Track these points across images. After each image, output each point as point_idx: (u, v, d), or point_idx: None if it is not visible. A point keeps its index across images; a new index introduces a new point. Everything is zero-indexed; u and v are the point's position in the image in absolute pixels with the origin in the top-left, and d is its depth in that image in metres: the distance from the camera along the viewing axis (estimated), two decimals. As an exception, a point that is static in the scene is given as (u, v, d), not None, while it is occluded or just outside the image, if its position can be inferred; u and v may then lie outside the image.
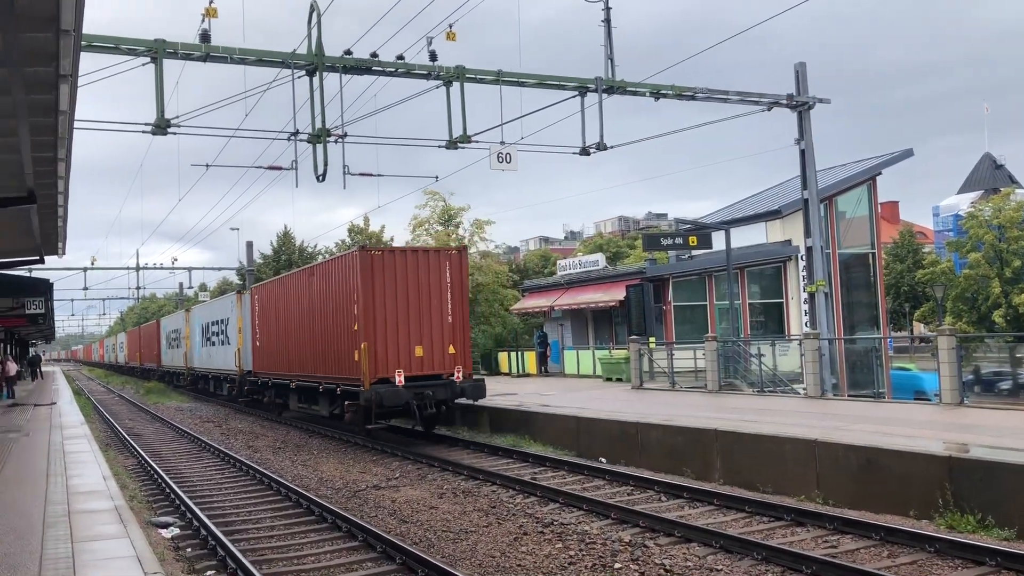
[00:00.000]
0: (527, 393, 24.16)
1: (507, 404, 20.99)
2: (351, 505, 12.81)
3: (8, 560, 7.20)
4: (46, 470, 12.39)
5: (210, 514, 12.01)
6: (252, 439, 22.15)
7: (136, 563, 7.03)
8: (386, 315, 18.36)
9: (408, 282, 18.61)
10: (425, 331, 18.66)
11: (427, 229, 43.96)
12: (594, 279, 34.89)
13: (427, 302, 18.71)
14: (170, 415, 30.25)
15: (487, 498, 12.90)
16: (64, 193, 14.67)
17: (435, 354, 18.71)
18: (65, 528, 8.39)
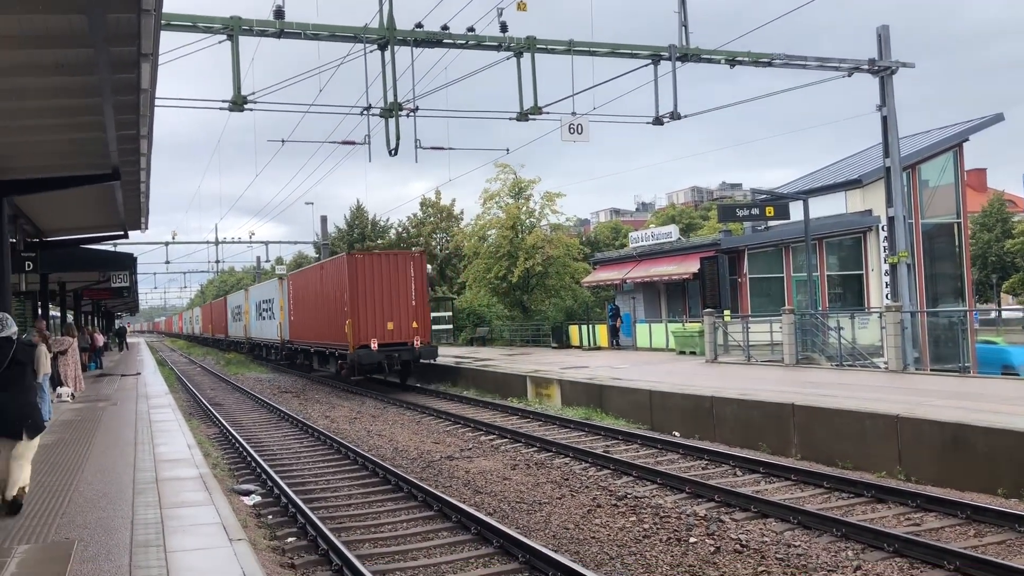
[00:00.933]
0: (598, 366, 24.11)
1: (578, 377, 20.99)
2: (426, 475, 13.00)
3: (103, 524, 7.51)
4: (134, 438, 12.87)
5: (290, 482, 12.34)
6: (329, 409, 22.64)
7: (221, 529, 7.25)
8: (366, 300, 25.44)
9: (382, 276, 25.70)
10: (394, 311, 25.73)
11: (497, 202, 44.04)
12: (667, 251, 34.49)
13: (396, 290, 25.73)
14: (249, 385, 31.11)
15: (560, 470, 12.94)
16: (146, 170, 15.09)
17: (402, 327, 25.78)
18: (153, 495, 8.70)
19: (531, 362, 27.70)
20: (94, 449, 11.85)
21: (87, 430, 13.72)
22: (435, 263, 55.51)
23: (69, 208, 18.95)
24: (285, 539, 9.42)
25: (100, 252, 26.79)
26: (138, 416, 16.00)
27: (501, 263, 42.15)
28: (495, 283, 43.20)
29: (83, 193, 16.21)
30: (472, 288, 46.75)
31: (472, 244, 45.84)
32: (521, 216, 42.94)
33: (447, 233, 58.25)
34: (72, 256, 24.17)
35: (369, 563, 8.41)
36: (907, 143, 29.18)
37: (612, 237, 72.97)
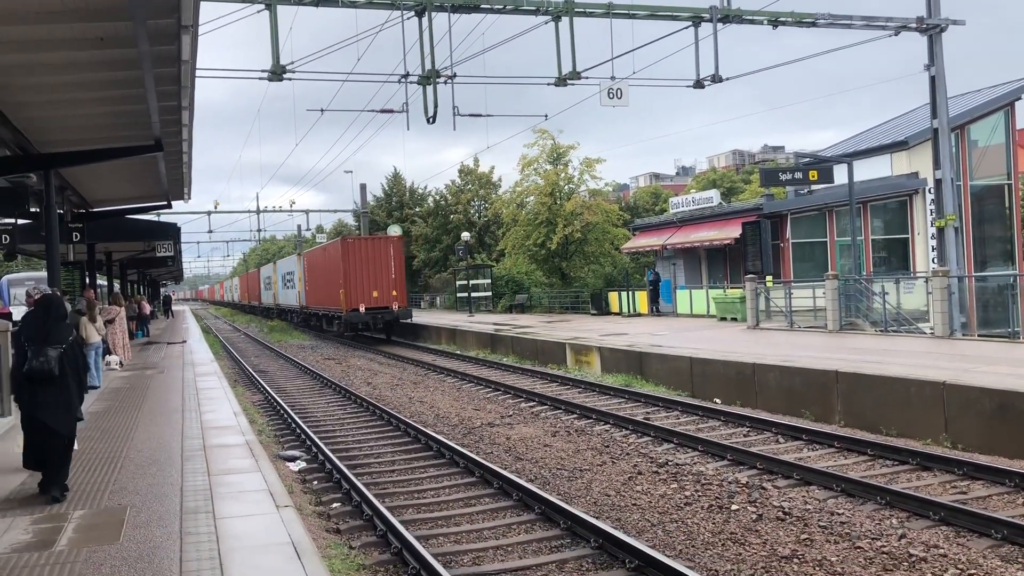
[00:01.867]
0: (638, 333, 24.03)
1: (618, 344, 20.94)
2: (467, 441, 13.11)
3: (153, 490, 7.70)
4: (181, 406, 13.14)
5: (334, 449, 12.53)
6: (371, 376, 22.89)
7: (267, 495, 7.40)
8: (355, 274, 33.62)
9: (368, 256, 33.86)
10: (378, 283, 33.90)
11: (536, 168, 43.85)
12: (708, 216, 34.12)
13: (379, 267, 33.89)
14: (293, 352, 31.55)
15: (600, 437, 12.97)
16: (188, 140, 15.25)
17: (383, 295, 33.90)
18: (201, 461, 8.89)
19: (570, 329, 27.70)
20: (143, 416, 12.13)
21: (136, 398, 14.03)
22: (473, 230, 55.58)
23: (114, 179, 19.24)
24: (330, 505, 9.58)
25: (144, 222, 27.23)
26: (185, 383, 16.32)
27: (540, 230, 42.04)
28: (534, 250, 43.15)
29: (127, 164, 16.44)
30: (511, 255, 46.74)
31: (510, 211, 45.76)
32: (560, 182, 42.72)
33: (485, 200, 58.21)
34: (117, 226, 24.62)
35: (413, 528, 8.53)
36: (956, 103, 28.41)
37: (652, 202, 72.28)
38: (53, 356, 7.34)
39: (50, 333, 7.47)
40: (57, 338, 7.47)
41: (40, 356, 7.31)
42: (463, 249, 46.20)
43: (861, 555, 7.36)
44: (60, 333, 7.54)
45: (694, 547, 7.82)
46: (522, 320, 35.14)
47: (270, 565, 5.56)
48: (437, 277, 58.46)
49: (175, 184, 20.13)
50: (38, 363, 7.29)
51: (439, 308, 55.64)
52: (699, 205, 35.87)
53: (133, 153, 14.27)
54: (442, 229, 58.44)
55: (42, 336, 7.44)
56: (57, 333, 7.51)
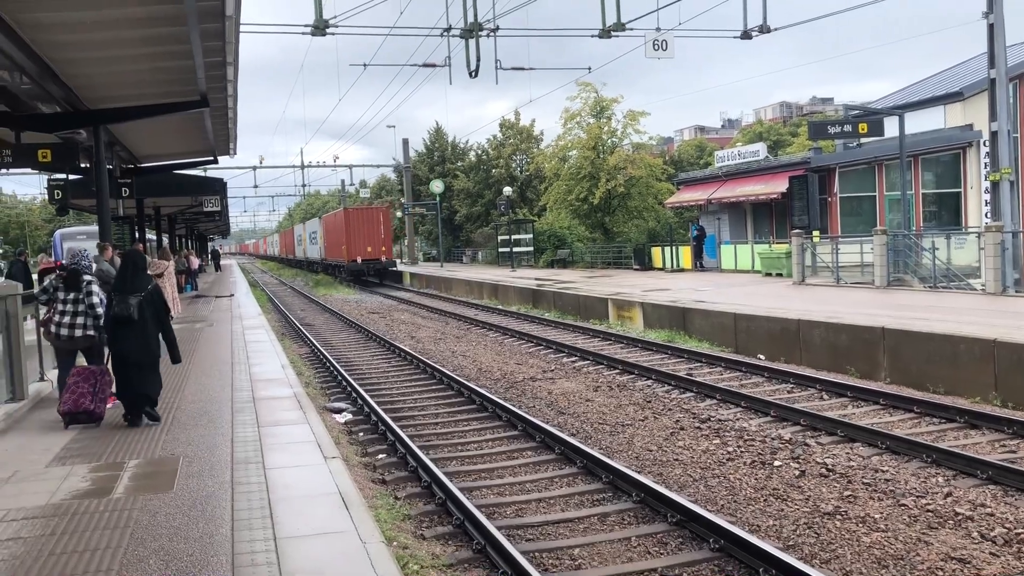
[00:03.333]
0: (681, 289, 23.89)
1: (661, 300, 20.85)
2: (510, 395, 13.22)
3: (205, 441, 7.90)
4: (230, 359, 13.41)
5: (379, 401, 12.72)
6: (414, 330, 23.11)
7: (315, 447, 7.55)
8: (354, 234, 45.56)
9: (364, 221, 46.19)
10: (371, 240, 45.91)
11: (579, 122, 43.35)
12: (754, 170, 33.57)
13: (372, 229, 46.02)
14: (338, 306, 31.94)
15: (642, 392, 12.98)
16: (233, 96, 15.34)
17: (375, 250, 45.92)
18: (251, 414, 9.09)
19: (612, 284, 27.61)
20: (193, 369, 12.41)
21: (186, 351, 14.33)
22: (515, 185, 55.36)
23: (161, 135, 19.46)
24: (376, 456, 9.76)
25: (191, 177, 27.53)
26: (233, 337, 16.64)
27: (582, 184, 41.70)
28: (576, 205, 42.85)
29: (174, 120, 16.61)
30: (553, 210, 46.50)
31: (552, 165, 45.40)
32: (603, 136, 42.22)
33: (527, 154, 57.82)
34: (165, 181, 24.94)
35: (456, 480, 8.65)
36: (1015, 52, 27.40)
37: (696, 156, 71.31)
38: (133, 303, 8.56)
39: (132, 283, 8.68)
40: (137, 287, 8.68)
41: (123, 303, 8.54)
42: (505, 204, 46.08)
43: (905, 512, 7.32)
44: (140, 283, 8.75)
45: (736, 503, 7.84)
46: (564, 275, 35.10)
47: (318, 514, 5.70)
48: (479, 232, 58.46)
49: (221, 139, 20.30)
50: (119, 308, 8.54)
51: (481, 263, 55.75)
52: (745, 159, 35.29)
53: (179, 109, 14.40)
54: (484, 184, 58.31)
55: (124, 286, 8.65)
56: (138, 283, 8.72)
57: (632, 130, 42.26)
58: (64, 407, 8.68)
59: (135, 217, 26.31)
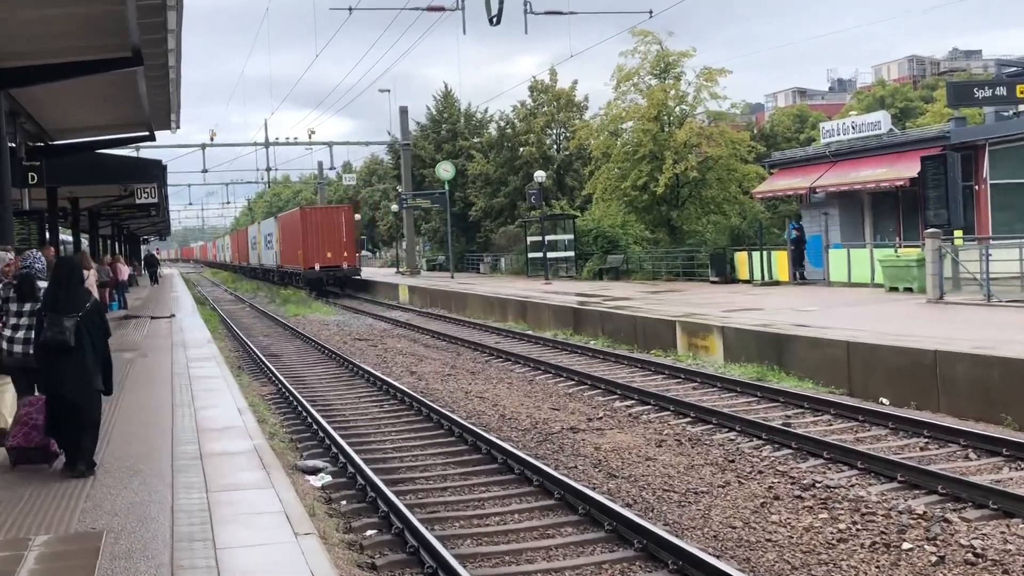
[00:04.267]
0: (776, 308, 23.79)
1: (748, 323, 20.76)
2: (543, 452, 13.19)
3: (136, 511, 7.95)
4: (171, 400, 13.50)
5: (367, 458, 12.74)
6: (415, 363, 23.18)
7: (283, 519, 7.58)
8: (312, 238, 52.48)
9: (323, 222, 53.26)
10: (331, 245, 52.67)
11: (636, 84, 43.47)
12: (873, 148, 33.43)
13: (332, 232, 52.86)
14: (313, 331, 32.12)
15: (722, 448, 12.92)
16: (176, 51, 15.53)
17: (336, 256, 52.44)
18: (198, 474, 9.14)
19: (682, 302, 27.54)
20: (122, 414, 12.51)
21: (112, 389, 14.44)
22: (550, 168, 55.48)
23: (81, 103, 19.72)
24: (363, 532, 9.78)
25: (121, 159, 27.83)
26: (175, 370, 16.76)
27: (641, 167, 41.73)
28: (632, 195, 42.88)
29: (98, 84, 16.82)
30: (601, 202, 46.55)
31: (601, 142, 45.49)
32: (668, 102, 42.27)
33: (566, 127, 57.97)
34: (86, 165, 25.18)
35: (472, 565, 8.65)
36: None
37: (795, 129, 71.16)
38: (69, 325, 8.82)
39: (67, 299, 9.01)
40: (73, 304, 9.00)
41: (55, 326, 8.82)
42: (536, 194, 46.27)
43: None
44: (77, 298, 9.09)
45: (851, 599, 7.77)
46: (616, 289, 35.05)
47: (287, 611, 5.71)
48: (502, 232, 58.66)
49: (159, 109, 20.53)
50: (52, 333, 8.81)
51: (504, 273, 55.94)
52: (861, 133, 35.15)
53: (105, 68, 14.59)
54: (508, 167, 58.53)
55: (57, 303, 8.99)
56: (74, 298, 9.06)
57: (708, 94, 42.37)
58: (12, 441, 9.21)
59: (45, 212, 26.63)
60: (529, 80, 59.58)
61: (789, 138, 66.68)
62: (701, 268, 38.08)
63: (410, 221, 62.99)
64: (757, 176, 41.61)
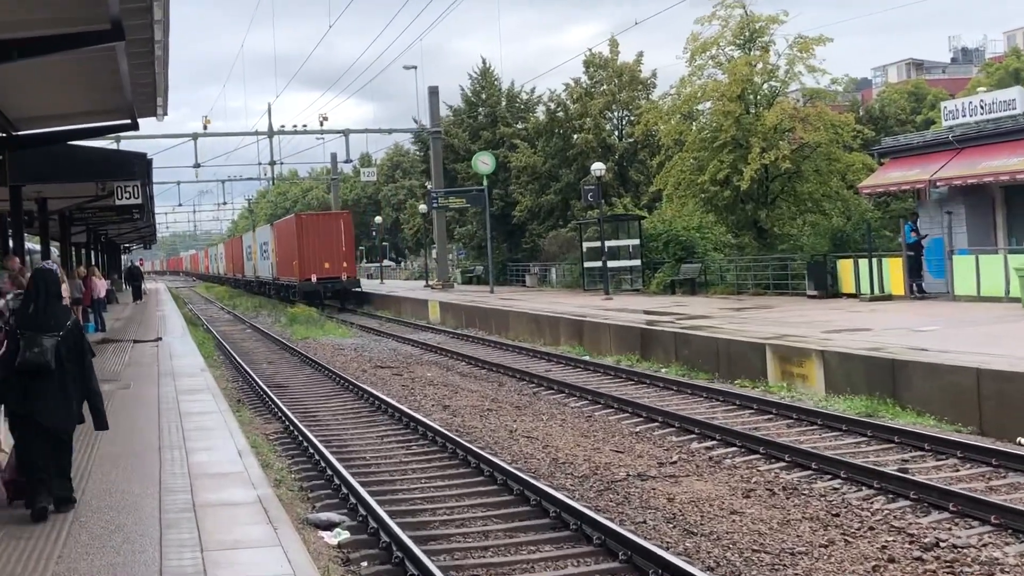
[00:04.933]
0: (888, 328, 23.59)
1: (854, 347, 20.61)
2: (604, 503, 13.15)
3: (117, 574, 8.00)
4: (158, 442, 13.58)
5: (393, 511, 12.75)
6: (448, 395, 23.21)
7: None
8: (308, 247, 58.28)
9: (320, 230, 59.47)
10: (329, 254, 58.70)
11: (715, 56, 43.30)
12: (1007, 132, 33.09)
13: (330, 241, 59.01)
14: (326, 356, 32.27)
15: (824, 500, 12.82)
16: (163, 23, 15.66)
17: (334, 266, 58.69)
18: (190, 529, 9.18)
19: (773, 321, 27.43)
20: (99, 457, 12.60)
21: (86, 427, 14.55)
22: (611, 159, 55.38)
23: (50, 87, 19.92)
24: (388, 601, 9.78)
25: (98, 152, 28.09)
26: (163, 405, 16.87)
27: (722, 157, 41.52)
28: (711, 191, 42.69)
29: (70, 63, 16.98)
30: (673, 200, 46.38)
31: (672, 127, 45.36)
32: (755, 78, 42.09)
33: (629, 109, 57.88)
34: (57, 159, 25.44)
35: (519, 642, 8.62)
36: None
37: (911, 110, 70.60)
38: (48, 345, 9.35)
39: (45, 316, 9.58)
40: (52, 322, 9.57)
41: (34, 346, 9.30)
42: (593, 190, 46.15)
43: None
44: (55, 316, 9.70)
45: None
46: (692, 305, 34.92)
47: None
48: (552, 236, 58.64)
49: (143, 92, 20.70)
50: (32, 354, 9.29)
51: (554, 287, 55.94)
52: (992, 113, 34.80)
53: (79, 43, 14.71)
54: (559, 158, 58.48)
55: (36, 320, 9.54)
56: (52, 316, 9.65)
57: (804, 68, 42.06)
58: (8, 475, 10.00)
59: (8, 215, 26.96)
60: (584, 54, 59.57)
61: (903, 120, 66.06)
62: (796, 279, 37.83)
63: (441, 224, 63.25)
64: (864, 167, 41.24)
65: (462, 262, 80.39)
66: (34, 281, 10.11)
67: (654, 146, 51.87)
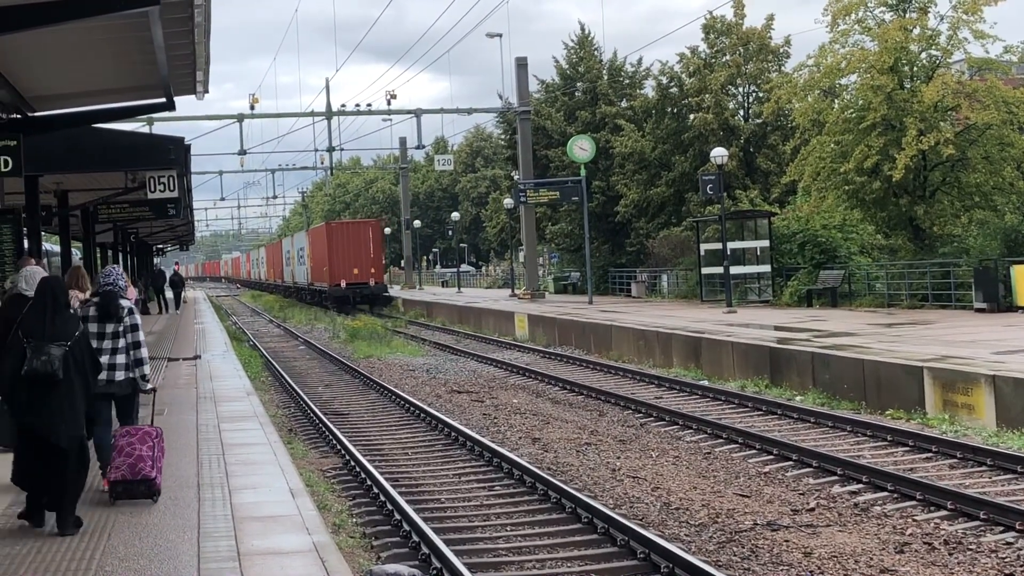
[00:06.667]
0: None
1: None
2: (726, 558, 13.08)
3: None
4: (196, 478, 13.68)
5: (472, 563, 12.78)
6: (539, 426, 23.18)
7: (354, 649, 7.62)
8: (339, 253, 73.37)
9: (350, 238, 74.88)
10: (358, 261, 73.31)
11: (862, 20, 42.89)
12: None
13: (359, 247, 73.98)
14: (393, 379, 32.40)
15: (995, 557, 12.66)
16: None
17: (363, 272, 73.13)
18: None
19: (932, 339, 27.15)
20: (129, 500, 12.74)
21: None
22: (735, 143, 55.03)
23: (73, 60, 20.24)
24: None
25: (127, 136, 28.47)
26: (202, 435, 17.02)
27: (870, 142, 41.17)
28: (858, 182, 42.30)
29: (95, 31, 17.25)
30: (811, 193, 46.04)
31: (809, 105, 45.05)
32: (911, 46, 41.64)
33: (757, 84, 57.51)
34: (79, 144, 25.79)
35: None
36: None
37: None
38: (57, 355, 10.43)
39: (53, 325, 10.66)
40: (62, 333, 10.67)
41: (41, 355, 10.38)
42: (714, 182, 45.88)
43: None
44: (65, 327, 10.80)
45: None
46: (833, 320, 34.64)
47: None
48: (663, 237, 58.42)
49: (180, 66, 20.94)
50: (40, 363, 10.35)
51: (666, 297, 55.75)
52: None
53: (107, 8, 14.92)
54: (672, 142, 58.21)
55: (45, 330, 10.59)
56: (62, 327, 10.74)
57: (971, 33, 41.50)
58: (116, 474, 11.64)
59: (22, 209, 27.31)
60: (704, 17, 59.26)
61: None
62: (961, 289, 37.40)
63: (530, 222, 63.11)
64: (1044, 152, 40.72)
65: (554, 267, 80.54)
66: (41, 290, 11.15)
67: (787, 128, 51.59)
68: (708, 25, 58.73)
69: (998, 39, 41.83)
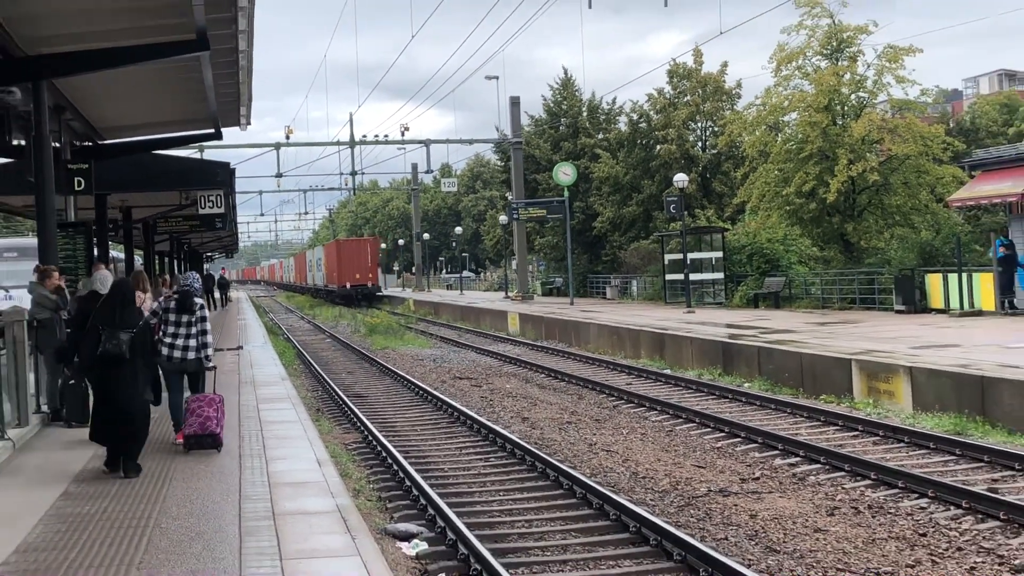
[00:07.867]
0: (979, 344, 23.26)
1: (943, 363, 20.36)
2: (684, 519, 13.09)
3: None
4: (238, 449, 13.75)
5: (471, 522, 12.78)
6: (527, 407, 23.21)
7: (371, 594, 7.63)
8: (344, 262, 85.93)
9: (353, 251, 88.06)
10: (358, 267, 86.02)
11: (801, 66, 43.05)
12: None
13: (360, 257, 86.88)
14: (405, 367, 32.42)
15: (911, 519, 12.66)
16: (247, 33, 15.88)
17: (362, 276, 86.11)
18: (270, 537, 9.27)
19: (859, 336, 27.15)
20: (180, 464, 12.78)
21: (168, 431, 14.80)
22: (694, 170, 55.18)
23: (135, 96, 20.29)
24: (466, 612, 9.80)
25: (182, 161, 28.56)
26: (242, 413, 17.07)
27: (807, 169, 41.29)
28: (797, 203, 42.43)
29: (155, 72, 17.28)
30: (757, 212, 46.12)
31: (757, 138, 45.17)
32: (843, 88, 41.76)
33: (713, 120, 57.71)
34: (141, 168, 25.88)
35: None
36: None
37: (1003, 122, 69.50)
38: (125, 339, 11.93)
39: (122, 317, 12.11)
40: (128, 322, 12.15)
41: (113, 339, 11.89)
42: (676, 202, 45.97)
43: None
44: (131, 318, 12.29)
45: None
46: (776, 320, 34.66)
47: None
48: (633, 248, 58.50)
49: (227, 102, 21.00)
50: (112, 346, 11.88)
51: (635, 299, 55.78)
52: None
53: (165, 53, 14.95)
54: (641, 169, 58.50)
55: (115, 320, 12.05)
56: (128, 318, 12.22)
57: (893, 78, 41.73)
58: (189, 430, 13.31)
59: (92, 223, 27.34)
60: (668, 64, 59.51)
61: (995, 133, 65.12)
62: (883, 294, 37.40)
63: (522, 235, 63.25)
64: (954, 180, 40.74)
65: (542, 273, 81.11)
66: (113, 290, 13.02)
67: (738, 157, 51.70)
68: (672, 71, 59.07)
69: (916, 83, 42.31)
